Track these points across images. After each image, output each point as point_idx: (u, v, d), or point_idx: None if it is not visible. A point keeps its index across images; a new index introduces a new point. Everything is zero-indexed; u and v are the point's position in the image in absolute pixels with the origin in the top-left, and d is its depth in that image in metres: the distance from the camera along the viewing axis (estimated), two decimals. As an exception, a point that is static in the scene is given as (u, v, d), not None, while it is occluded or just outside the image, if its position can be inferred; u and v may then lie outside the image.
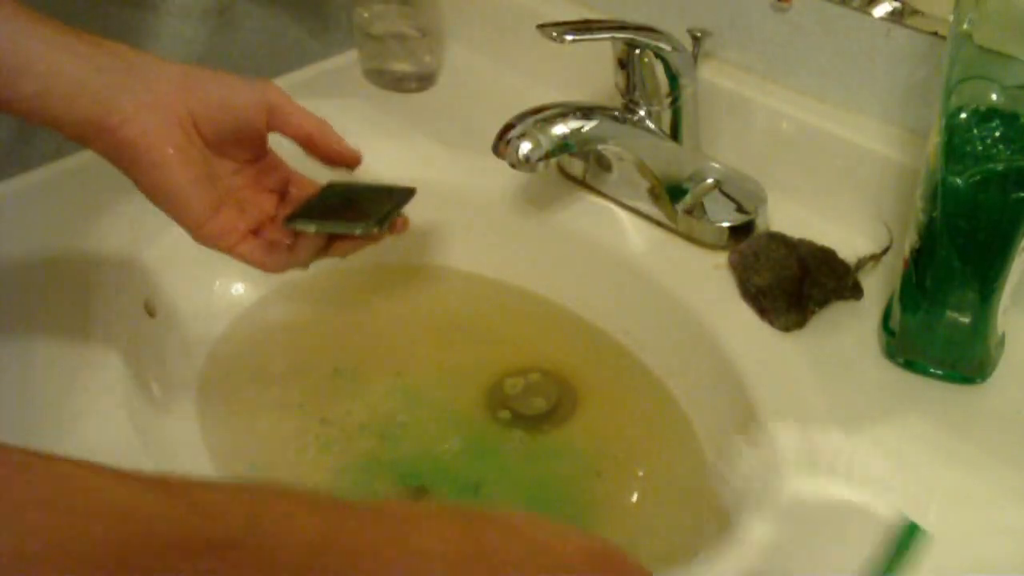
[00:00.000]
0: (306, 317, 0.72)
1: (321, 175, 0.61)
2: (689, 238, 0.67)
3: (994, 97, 0.49)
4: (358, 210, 0.59)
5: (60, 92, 0.51)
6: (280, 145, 0.60)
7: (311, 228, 0.57)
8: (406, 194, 0.62)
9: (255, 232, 0.57)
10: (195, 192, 0.54)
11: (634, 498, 0.61)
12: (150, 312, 0.66)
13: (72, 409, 0.56)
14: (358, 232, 0.58)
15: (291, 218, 0.58)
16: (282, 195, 0.61)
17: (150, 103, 0.53)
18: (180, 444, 0.60)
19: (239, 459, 0.62)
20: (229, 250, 0.57)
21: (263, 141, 0.59)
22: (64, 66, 0.51)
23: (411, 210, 0.62)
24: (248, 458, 0.63)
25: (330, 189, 0.61)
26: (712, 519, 0.56)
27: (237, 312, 0.71)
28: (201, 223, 0.55)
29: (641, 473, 0.62)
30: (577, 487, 0.62)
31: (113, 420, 0.56)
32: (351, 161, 0.61)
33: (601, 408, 0.67)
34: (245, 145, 0.58)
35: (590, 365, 0.69)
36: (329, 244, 0.59)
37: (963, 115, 0.50)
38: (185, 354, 0.67)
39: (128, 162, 0.53)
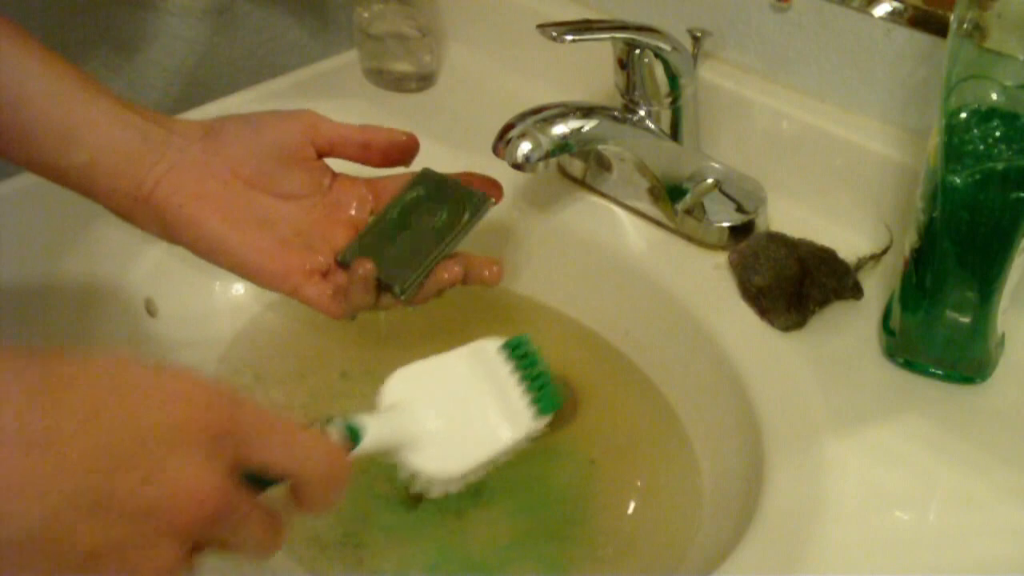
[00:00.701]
0: (307, 319, 0.72)
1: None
2: (689, 238, 0.67)
3: (994, 97, 0.49)
4: (413, 245, 0.56)
5: (107, 165, 0.51)
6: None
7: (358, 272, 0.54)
8: (477, 208, 0.57)
9: (326, 274, 0.55)
10: (240, 238, 0.52)
11: (633, 499, 0.61)
12: (151, 312, 0.66)
13: (72, 409, 0.56)
14: (400, 297, 0.55)
15: (341, 257, 0.55)
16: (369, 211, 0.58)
17: (179, 162, 0.52)
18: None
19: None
20: (294, 293, 0.54)
21: (320, 168, 0.57)
22: (115, 137, 0.51)
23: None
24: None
25: (395, 200, 0.58)
26: (711, 520, 0.56)
27: (238, 312, 0.71)
28: (256, 269, 0.53)
29: (640, 473, 0.62)
30: (576, 488, 0.62)
31: (113, 420, 0.56)
32: (409, 148, 0.58)
33: (601, 409, 0.67)
34: (300, 177, 0.56)
35: (590, 365, 0.69)
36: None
37: (963, 115, 0.50)
38: (186, 355, 0.67)
39: (169, 226, 0.52)
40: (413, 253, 0.56)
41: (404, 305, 0.56)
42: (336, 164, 0.58)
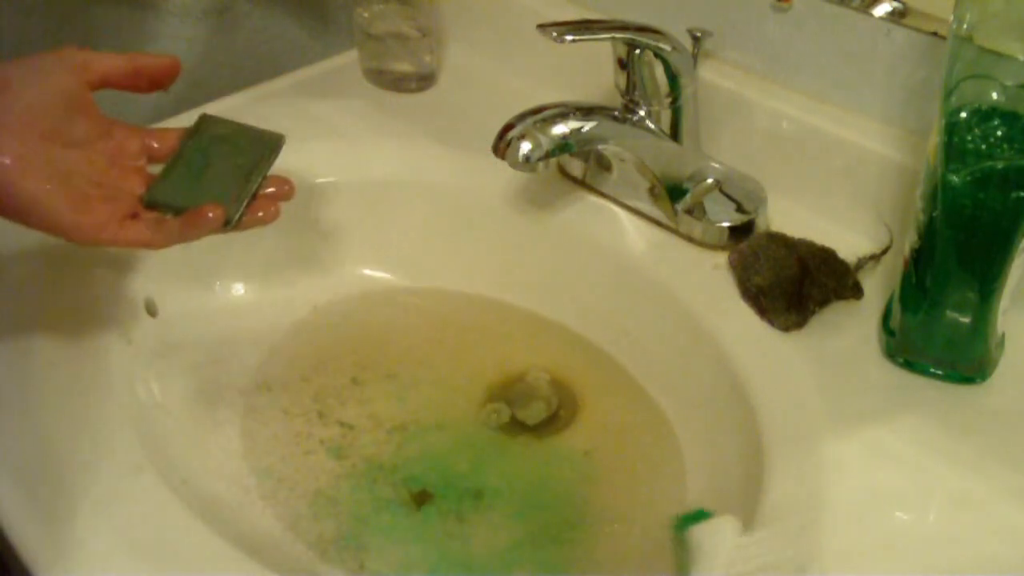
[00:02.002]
0: (307, 319, 0.72)
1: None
2: (689, 238, 0.67)
3: (994, 96, 0.49)
4: (219, 175, 0.56)
5: None
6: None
7: (169, 214, 0.54)
8: (272, 145, 0.58)
9: (134, 216, 0.54)
10: (50, 196, 0.51)
11: (633, 499, 0.61)
12: (151, 312, 0.66)
13: (72, 410, 0.56)
14: (226, 227, 0.54)
15: (148, 197, 0.55)
16: (149, 159, 0.57)
17: None
18: (180, 444, 0.60)
19: (241, 459, 0.62)
20: (113, 242, 0.53)
21: (97, 113, 0.55)
22: None
23: (411, 209, 0.62)
24: (250, 458, 0.63)
25: (187, 144, 0.58)
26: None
27: (239, 312, 0.71)
28: (72, 225, 0.51)
29: (639, 474, 0.62)
30: (575, 491, 0.62)
31: (113, 421, 0.56)
32: (174, 70, 0.57)
33: (600, 410, 0.67)
34: (84, 124, 0.54)
35: (589, 366, 0.69)
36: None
37: (963, 114, 0.50)
38: (186, 355, 0.67)
39: None
40: (226, 187, 0.56)
41: (228, 232, 0.56)
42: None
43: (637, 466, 0.63)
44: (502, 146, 0.61)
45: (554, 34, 0.59)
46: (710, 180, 0.68)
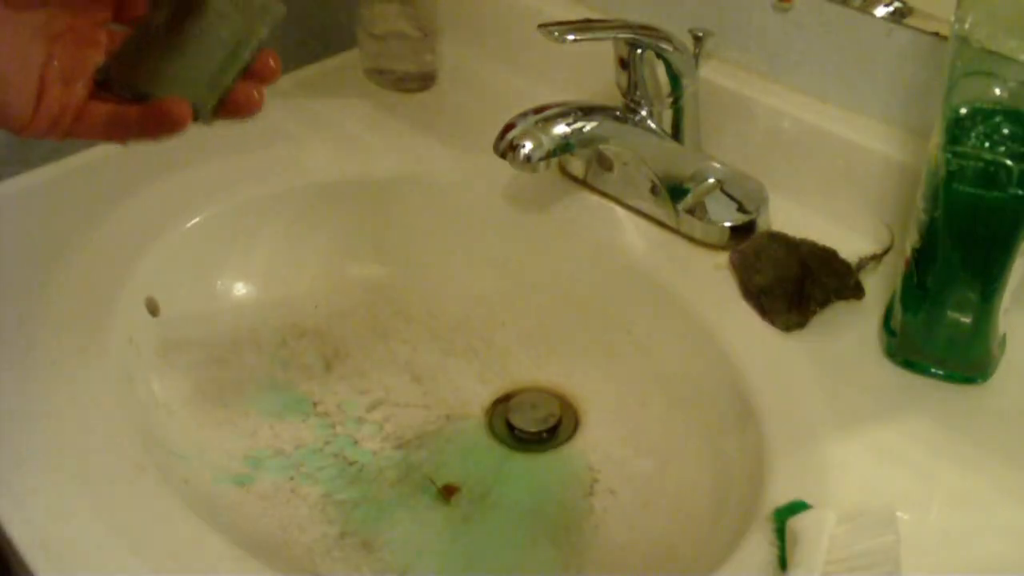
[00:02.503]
0: (306, 319, 0.72)
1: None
2: (690, 238, 0.67)
3: (996, 95, 0.49)
4: (195, 49, 0.46)
5: None
6: None
7: (127, 97, 0.44)
8: (266, 14, 0.47)
9: (96, 97, 0.44)
10: (9, 95, 0.42)
11: (633, 500, 0.61)
12: (152, 312, 0.66)
13: (72, 409, 0.56)
14: (202, 118, 0.44)
15: (100, 76, 0.45)
16: (119, 18, 0.46)
17: None
18: (181, 444, 0.60)
19: (242, 459, 0.62)
20: (70, 135, 0.44)
21: None
22: None
23: (412, 209, 0.62)
24: (252, 458, 0.63)
25: (161, 13, 0.46)
26: (712, 520, 0.56)
27: (241, 312, 0.71)
28: (24, 121, 0.43)
29: (640, 475, 0.62)
30: (578, 493, 0.62)
31: (114, 420, 0.56)
32: None
33: (602, 411, 0.67)
34: None
35: (591, 366, 0.69)
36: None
37: (965, 114, 0.50)
38: (187, 355, 0.67)
39: None
40: (200, 67, 0.45)
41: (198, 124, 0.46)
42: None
43: (639, 467, 0.63)
44: (503, 146, 0.61)
45: (555, 34, 0.59)
46: (711, 180, 0.68)
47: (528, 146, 0.60)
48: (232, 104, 0.46)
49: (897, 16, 0.62)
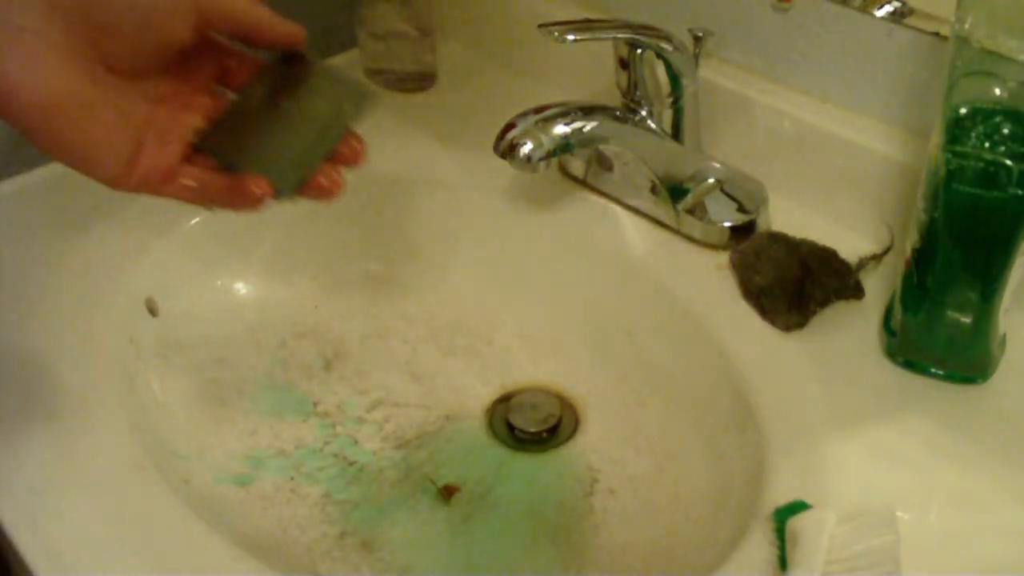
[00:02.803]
0: (306, 319, 0.72)
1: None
2: (690, 238, 0.67)
3: (996, 95, 0.49)
4: (287, 126, 0.47)
5: None
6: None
7: (221, 165, 0.46)
8: (357, 99, 0.49)
9: (189, 159, 0.46)
10: (99, 146, 0.43)
11: (633, 500, 0.61)
12: (152, 312, 0.66)
13: (72, 409, 0.56)
14: (282, 196, 0.46)
15: (197, 143, 0.46)
16: (223, 81, 0.48)
17: (35, 50, 0.41)
18: (181, 444, 0.60)
19: (243, 459, 0.62)
20: (158, 194, 0.46)
21: (184, 24, 0.45)
22: None
23: (412, 208, 0.62)
24: (252, 458, 0.63)
25: (260, 81, 0.48)
26: (712, 520, 0.56)
27: (241, 312, 0.71)
28: (117, 178, 0.44)
29: (640, 475, 0.62)
30: (578, 493, 0.62)
31: (114, 419, 0.56)
32: (296, 38, 0.49)
33: (602, 411, 0.67)
34: (165, 57, 0.45)
35: (591, 367, 0.69)
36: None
37: (965, 114, 0.50)
38: (187, 355, 0.67)
39: (13, 120, 0.41)
40: (289, 145, 0.47)
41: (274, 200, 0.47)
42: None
43: (639, 467, 0.63)
44: (503, 146, 0.61)
45: (555, 34, 0.59)
46: (711, 180, 0.68)
47: (528, 146, 0.60)
48: (314, 185, 0.47)
49: (897, 16, 0.62)
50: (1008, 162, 0.49)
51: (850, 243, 0.64)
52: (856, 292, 0.62)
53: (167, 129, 0.46)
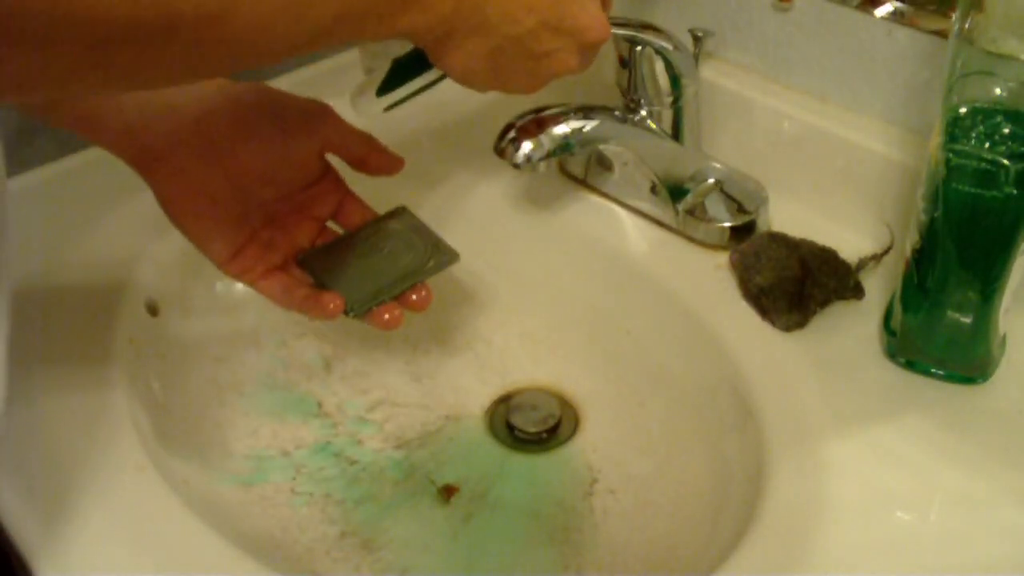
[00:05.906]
0: (306, 319, 0.72)
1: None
2: (690, 238, 0.67)
3: (996, 95, 0.49)
4: (376, 266, 0.57)
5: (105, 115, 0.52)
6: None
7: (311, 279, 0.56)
8: (442, 259, 0.59)
9: (282, 267, 0.56)
10: (219, 236, 0.54)
11: (633, 500, 0.61)
12: (152, 312, 0.66)
13: (73, 409, 0.56)
14: (349, 316, 0.55)
15: (301, 258, 0.57)
16: (336, 220, 0.59)
17: (183, 165, 0.53)
18: (182, 444, 0.60)
19: (243, 458, 0.62)
20: (251, 285, 0.56)
21: (317, 168, 0.58)
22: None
23: (411, 208, 0.62)
24: (252, 457, 0.63)
25: (370, 225, 0.59)
26: (711, 521, 0.56)
27: (240, 312, 0.71)
28: (222, 263, 0.55)
29: (640, 475, 0.62)
30: (578, 493, 0.62)
31: (114, 420, 0.56)
32: (394, 168, 0.59)
33: (601, 411, 0.67)
34: (293, 175, 0.57)
35: (590, 367, 0.69)
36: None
37: (965, 114, 0.50)
38: (187, 355, 0.67)
39: (163, 207, 0.54)
40: (372, 279, 0.56)
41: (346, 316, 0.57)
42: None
43: (639, 467, 0.63)
44: (503, 146, 0.61)
45: (555, 34, 0.58)
46: (711, 180, 0.68)
47: (528, 146, 0.60)
48: (378, 316, 0.56)
49: (897, 16, 0.62)
50: (1007, 162, 0.49)
51: (850, 243, 0.64)
52: (856, 292, 0.62)
53: (276, 239, 0.56)
